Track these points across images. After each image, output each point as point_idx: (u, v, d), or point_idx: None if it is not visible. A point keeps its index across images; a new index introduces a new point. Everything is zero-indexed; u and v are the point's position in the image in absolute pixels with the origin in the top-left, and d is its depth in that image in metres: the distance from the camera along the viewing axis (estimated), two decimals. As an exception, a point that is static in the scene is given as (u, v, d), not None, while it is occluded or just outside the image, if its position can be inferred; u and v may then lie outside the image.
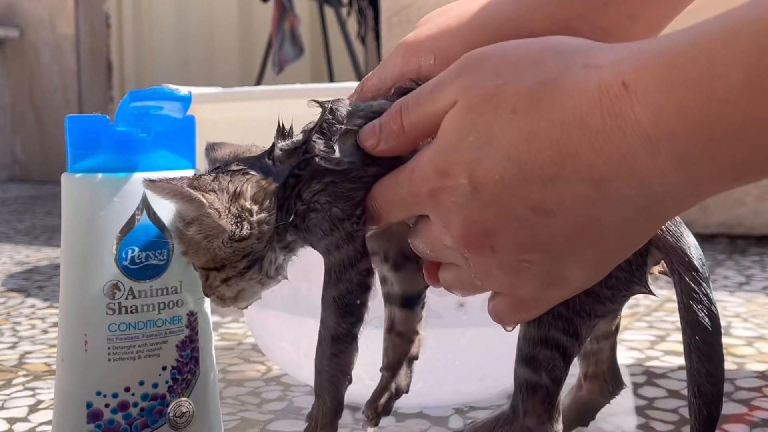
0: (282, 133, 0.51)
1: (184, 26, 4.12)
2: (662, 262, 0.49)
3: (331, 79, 3.15)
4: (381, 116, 0.49)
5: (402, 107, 0.48)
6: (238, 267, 0.51)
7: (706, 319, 0.48)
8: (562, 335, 0.49)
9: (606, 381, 0.56)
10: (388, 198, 0.49)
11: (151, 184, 0.49)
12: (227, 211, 0.49)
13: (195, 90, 1.01)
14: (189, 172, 0.58)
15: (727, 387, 0.76)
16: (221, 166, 0.51)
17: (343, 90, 1.33)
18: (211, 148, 0.55)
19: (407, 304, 0.55)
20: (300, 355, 0.72)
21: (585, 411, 0.57)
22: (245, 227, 0.49)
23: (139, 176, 0.55)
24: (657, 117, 0.37)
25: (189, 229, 0.50)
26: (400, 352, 0.56)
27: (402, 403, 0.70)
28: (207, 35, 4.05)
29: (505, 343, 0.57)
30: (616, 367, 0.57)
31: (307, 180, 0.49)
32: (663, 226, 0.48)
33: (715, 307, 0.48)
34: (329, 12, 3.08)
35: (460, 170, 0.44)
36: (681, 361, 0.85)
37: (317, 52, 3.47)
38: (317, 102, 0.51)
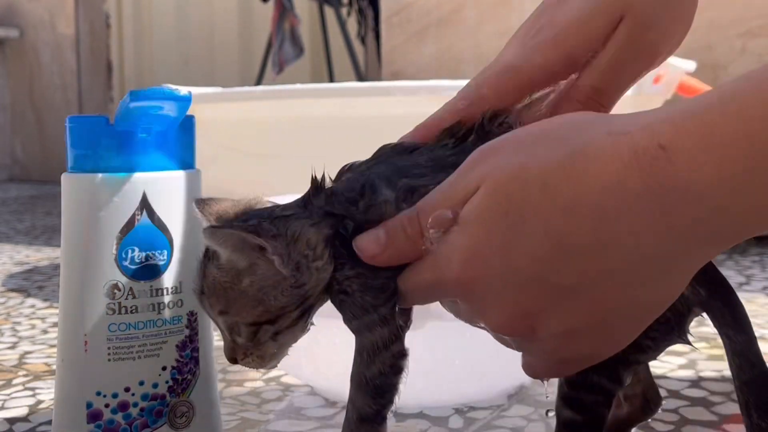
0: (315, 186, 0.49)
1: (184, 26, 4.12)
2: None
3: (331, 79, 3.15)
4: (383, 224, 0.46)
5: (418, 210, 0.45)
6: (292, 316, 0.48)
7: (760, 379, 0.49)
8: (606, 381, 0.49)
9: (647, 399, 0.57)
10: (414, 284, 0.47)
11: (213, 231, 0.47)
12: (288, 257, 0.47)
13: (195, 90, 1.01)
14: (190, 173, 0.58)
15: (727, 387, 0.76)
16: (261, 213, 0.49)
17: (344, 90, 1.32)
18: (202, 203, 0.51)
19: None
20: (300, 356, 0.72)
21: (622, 427, 0.57)
22: (305, 273, 0.47)
23: (139, 176, 0.55)
24: (698, 173, 0.39)
25: (241, 281, 0.47)
26: None
27: (402, 403, 0.70)
28: (207, 35, 4.05)
29: (505, 343, 0.57)
30: (653, 384, 0.57)
31: (342, 259, 0.47)
32: (708, 288, 0.49)
33: (764, 363, 0.49)
34: (329, 12, 3.08)
35: (492, 255, 0.42)
36: (681, 360, 0.85)
37: (317, 52, 3.47)
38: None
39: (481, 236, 0.43)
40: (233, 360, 0.50)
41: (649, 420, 0.62)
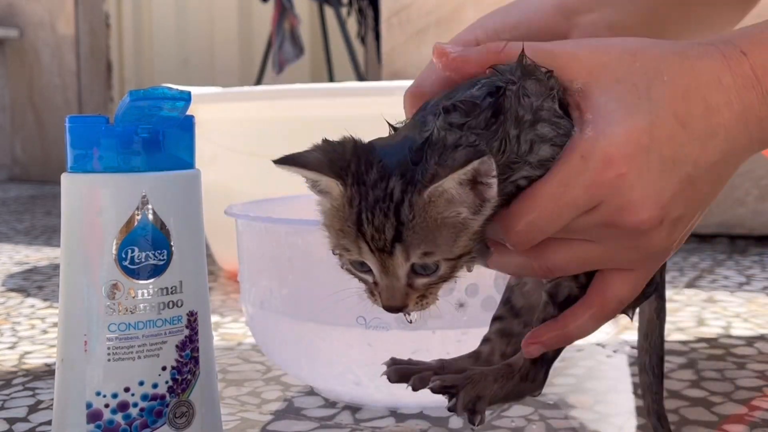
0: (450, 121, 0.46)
1: (184, 26, 4.12)
2: None
3: (331, 79, 3.16)
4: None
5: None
6: (478, 241, 0.46)
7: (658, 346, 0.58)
8: None
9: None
10: (553, 205, 0.46)
11: (446, 168, 0.43)
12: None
13: (195, 90, 1.01)
14: (190, 173, 0.58)
15: (727, 387, 0.76)
16: (449, 142, 0.45)
17: (344, 90, 1.32)
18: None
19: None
20: (300, 355, 0.72)
21: None
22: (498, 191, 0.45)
23: (139, 176, 0.55)
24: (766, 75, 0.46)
25: (459, 213, 0.44)
26: None
27: (402, 403, 0.70)
28: (207, 35, 4.05)
29: (505, 343, 0.57)
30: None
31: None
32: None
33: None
34: (329, 12, 3.08)
35: (640, 134, 0.45)
36: (681, 360, 0.85)
37: (317, 52, 3.47)
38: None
39: (626, 120, 0.45)
40: (400, 309, 0.47)
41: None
